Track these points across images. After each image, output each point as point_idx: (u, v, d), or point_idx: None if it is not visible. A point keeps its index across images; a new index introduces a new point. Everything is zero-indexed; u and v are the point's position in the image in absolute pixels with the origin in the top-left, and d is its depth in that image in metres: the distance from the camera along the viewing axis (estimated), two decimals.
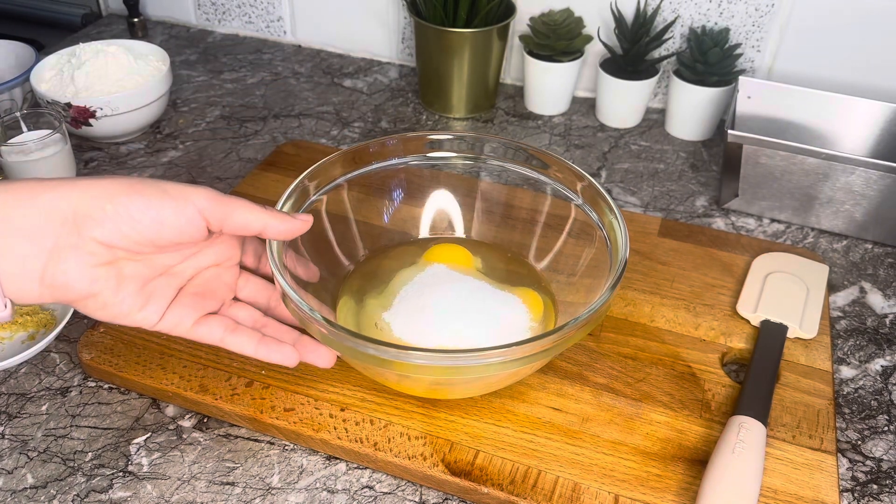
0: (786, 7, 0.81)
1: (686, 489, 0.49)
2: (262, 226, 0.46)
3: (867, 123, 0.75)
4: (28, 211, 0.40)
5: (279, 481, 0.50)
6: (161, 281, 0.46)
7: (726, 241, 0.69)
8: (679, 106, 0.85)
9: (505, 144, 0.60)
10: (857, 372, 0.59)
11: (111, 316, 0.44)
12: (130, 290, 0.44)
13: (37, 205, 0.40)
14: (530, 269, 0.61)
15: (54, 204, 0.41)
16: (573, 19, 0.85)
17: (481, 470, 0.49)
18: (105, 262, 0.43)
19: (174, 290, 0.47)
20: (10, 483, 0.49)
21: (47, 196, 0.41)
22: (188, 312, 0.47)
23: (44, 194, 0.41)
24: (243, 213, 0.45)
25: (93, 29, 1.06)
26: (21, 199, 0.40)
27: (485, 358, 0.44)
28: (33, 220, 0.40)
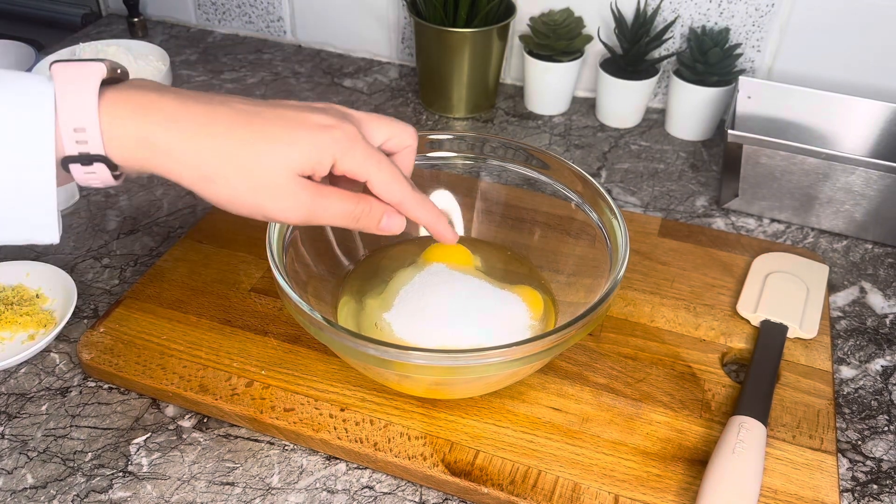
0: (786, 7, 0.81)
1: (686, 489, 0.49)
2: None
3: (867, 123, 0.75)
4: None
5: (279, 481, 0.50)
6: None
7: (726, 241, 0.69)
8: (679, 106, 0.85)
9: (505, 144, 0.60)
10: (858, 372, 0.59)
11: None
12: None
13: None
14: (530, 268, 0.61)
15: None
16: (573, 19, 0.85)
17: (481, 470, 0.49)
18: None
19: None
20: (10, 483, 0.49)
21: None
22: None
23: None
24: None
25: (93, 29, 1.06)
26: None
27: (485, 358, 0.44)
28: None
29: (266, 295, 0.61)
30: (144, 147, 0.39)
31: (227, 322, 0.59)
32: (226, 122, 0.40)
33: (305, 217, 0.41)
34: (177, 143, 0.39)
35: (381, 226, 0.44)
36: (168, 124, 0.39)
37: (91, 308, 0.62)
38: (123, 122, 0.38)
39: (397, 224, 0.45)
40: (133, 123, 0.38)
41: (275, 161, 0.40)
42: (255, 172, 0.40)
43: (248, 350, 0.56)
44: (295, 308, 0.47)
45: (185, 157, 0.39)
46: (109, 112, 0.38)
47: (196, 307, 0.60)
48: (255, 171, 0.40)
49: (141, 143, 0.38)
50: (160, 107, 0.39)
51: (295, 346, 0.57)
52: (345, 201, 0.42)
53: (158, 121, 0.39)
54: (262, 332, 0.58)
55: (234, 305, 0.60)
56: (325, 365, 0.55)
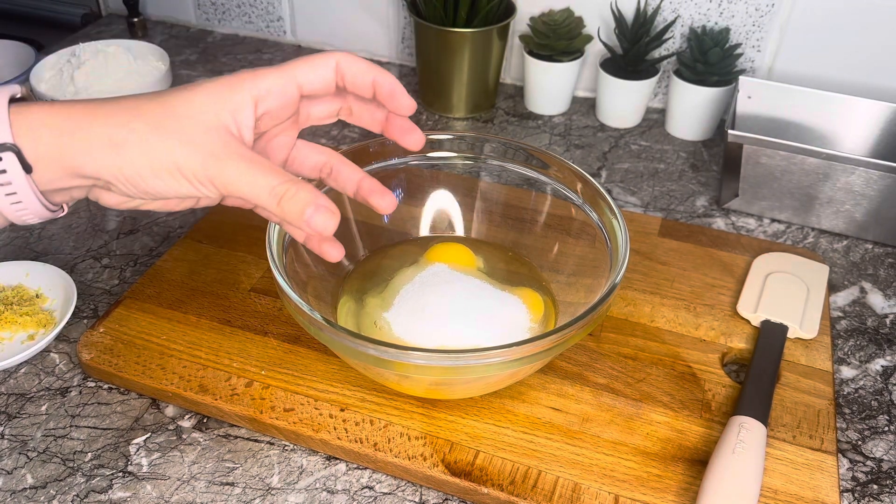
0: (786, 7, 0.81)
1: (686, 489, 0.49)
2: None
3: (867, 123, 0.75)
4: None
5: (279, 481, 0.50)
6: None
7: (726, 241, 0.69)
8: (679, 106, 0.85)
9: (505, 144, 0.60)
10: (858, 372, 0.59)
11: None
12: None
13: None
14: (530, 268, 0.61)
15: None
16: (573, 19, 0.85)
17: (481, 470, 0.49)
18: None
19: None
20: (9, 483, 0.49)
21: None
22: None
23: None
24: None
25: (93, 29, 1.06)
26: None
27: (485, 358, 0.44)
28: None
29: (266, 295, 0.61)
30: (53, 130, 0.37)
31: (227, 322, 0.59)
32: (137, 97, 0.39)
33: (219, 178, 0.37)
34: (86, 116, 0.37)
35: (307, 217, 0.37)
36: (77, 105, 0.38)
37: (91, 308, 0.62)
38: (30, 110, 0.37)
39: (323, 221, 0.38)
40: (41, 110, 0.37)
41: (193, 108, 0.38)
42: (172, 123, 0.37)
43: (247, 350, 0.56)
44: (295, 308, 0.47)
45: (94, 124, 0.37)
46: (18, 109, 0.37)
47: (196, 307, 0.60)
48: (171, 122, 0.37)
49: (49, 126, 0.37)
50: (70, 103, 0.38)
51: (295, 346, 0.57)
52: (270, 174, 0.38)
53: (69, 106, 0.38)
54: (262, 332, 0.58)
55: (234, 305, 0.60)
56: (325, 365, 0.55)
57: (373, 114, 0.46)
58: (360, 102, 0.46)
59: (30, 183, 0.37)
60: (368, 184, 0.46)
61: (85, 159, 0.37)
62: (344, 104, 0.46)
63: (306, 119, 0.45)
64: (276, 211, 0.38)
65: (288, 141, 0.45)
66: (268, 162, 0.39)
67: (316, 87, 0.41)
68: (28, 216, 0.39)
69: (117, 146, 0.37)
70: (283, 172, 0.38)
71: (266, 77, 0.40)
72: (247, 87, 0.39)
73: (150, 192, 0.38)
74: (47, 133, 0.37)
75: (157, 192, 0.38)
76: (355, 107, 0.46)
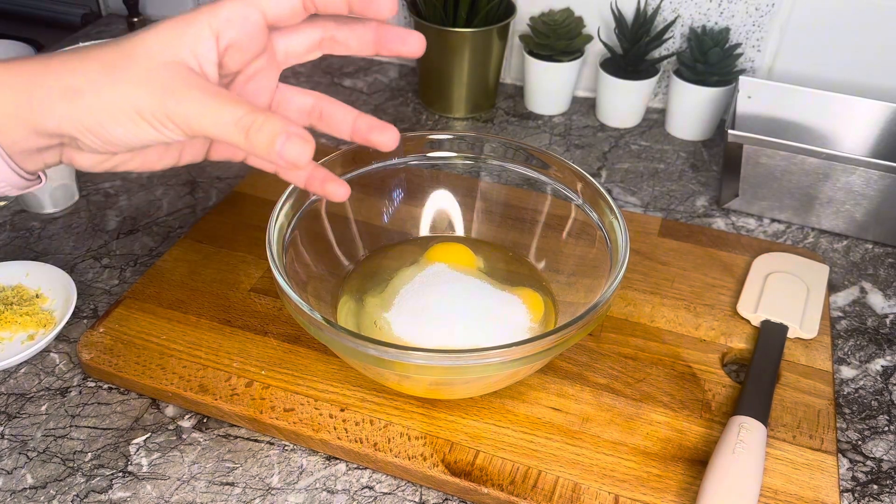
0: (786, 7, 0.81)
1: (686, 489, 0.49)
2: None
3: (867, 123, 0.75)
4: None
5: (279, 481, 0.50)
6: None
7: (726, 241, 0.69)
8: (679, 106, 0.85)
9: (505, 144, 0.60)
10: (858, 372, 0.59)
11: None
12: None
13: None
14: (530, 269, 0.61)
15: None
16: (573, 19, 0.85)
17: (481, 470, 0.49)
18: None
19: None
20: (9, 483, 0.49)
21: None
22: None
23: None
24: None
25: (93, 29, 1.06)
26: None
27: (485, 358, 0.44)
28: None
29: (266, 295, 0.61)
30: (9, 88, 0.35)
31: (227, 322, 0.59)
32: (92, 44, 0.37)
33: (180, 114, 0.35)
34: (40, 69, 0.35)
35: (277, 147, 0.34)
36: (31, 60, 0.36)
37: (91, 308, 0.62)
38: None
39: (297, 150, 0.34)
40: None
41: (148, 47, 0.36)
42: (126, 64, 0.35)
43: (247, 350, 0.56)
44: (295, 308, 0.47)
45: (48, 76, 0.35)
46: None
47: (196, 307, 0.60)
48: (125, 63, 0.35)
49: (4, 85, 0.35)
50: (25, 59, 0.36)
51: (295, 346, 0.57)
52: (234, 104, 0.35)
53: (22, 62, 0.36)
54: (262, 332, 0.58)
55: (234, 305, 0.60)
56: (325, 365, 0.55)
57: (359, 34, 0.40)
58: (340, 25, 0.41)
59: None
60: (365, 122, 0.42)
61: (44, 113, 0.35)
62: (323, 33, 0.41)
63: (284, 57, 0.41)
64: (245, 145, 0.34)
65: (268, 84, 0.42)
66: (232, 94, 0.36)
67: (282, 10, 0.37)
68: (3, 186, 0.37)
69: (72, 94, 0.35)
70: (249, 103, 0.35)
71: (224, 6, 0.37)
72: (204, 18, 0.36)
73: (114, 141, 0.36)
74: (3, 91, 0.35)
75: (121, 141, 0.36)
76: (337, 33, 0.41)
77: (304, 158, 0.34)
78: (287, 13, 0.38)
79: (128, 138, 0.36)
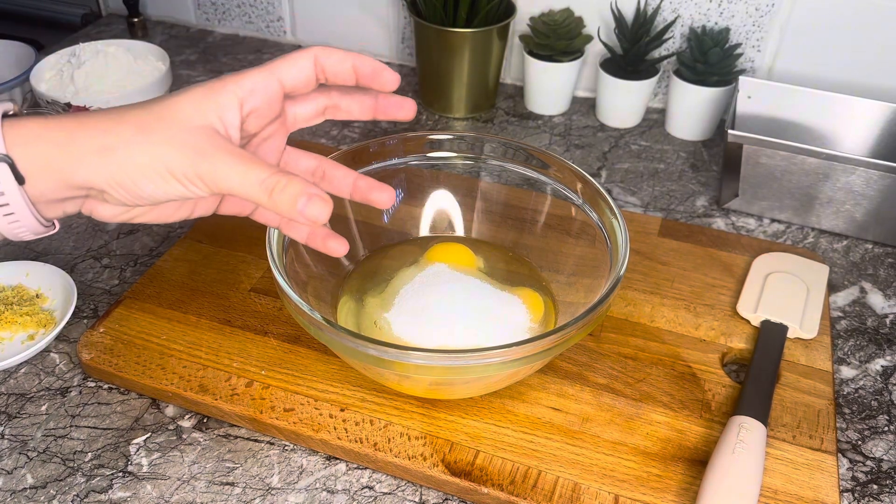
0: (786, 7, 0.81)
1: (686, 489, 0.49)
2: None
3: (867, 123, 0.75)
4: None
5: (279, 481, 0.50)
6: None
7: (726, 241, 0.69)
8: (679, 106, 0.85)
9: (505, 144, 0.60)
10: (858, 372, 0.59)
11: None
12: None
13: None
14: (530, 269, 0.61)
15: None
16: (573, 19, 0.85)
17: (481, 470, 0.49)
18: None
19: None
20: (9, 483, 0.49)
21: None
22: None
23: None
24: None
25: (93, 29, 1.06)
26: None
27: (485, 358, 0.44)
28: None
29: (266, 295, 0.61)
30: (45, 141, 0.38)
31: (227, 322, 0.59)
32: (124, 106, 0.40)
33: (209, 174, 0.38)
34: (75, 126, 0.38)
35: (300, 207, 0.37)
36: (67, 117, 0.39)
37: (91, 308, 0.62)
38: (22, 124, 0.38)
39: (317, 210, 0.37)
40: (33, 124, 0.38)
41: (179, 111, 0.38)
42: (158, 126, 0.38)
43: (247, 350, 0.56)
44: (295, 308, 0.47)
45: (83, 133, 0.38)
46: (10, 123, 0.38)
47: (196, 307, 0.60)
48: (157, 125, 0.38)
49: (41, 138, 0.38)
50: (61, 116, 0.39)
51: (295, 346, 0.57)
52: (259, 167, 0.38)
53: (59, 119, 0.39)
54: (262, 332, 0.58)
55: (234, 305, 0.60)
56: (325, 365, 0.55)
57: (360, 101, 0.46)
58: (345, 95, 0.46)
59: (23, 195, 0.38)
60: (364, 182, 0.46)
61: (76, 167, 0.38)
62: (329, 101, 0.46)
63: (293, 121, 0.46)
64: (269, 203, 0.37)
65: (277, 145, 0.46)
66: (257, 157, 0.39)
67: (297, 81, 0.42)
68: (21, 231, 0.40)
69: (106, 152, 0.38)
70: (272, 166, 0.38)
71: (249, 77, 0.40)
72: (230, 88, 0.40)
73: (143, 195, 0.39)
74: (39, 145, 0.38)
75: (149, 196, 0.39)
76: (341, 101, 0.46)
77: (323, 217, 0.38)
78: (302, 83, 0.42)
79: (156, 194, 0.39)
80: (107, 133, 0.38)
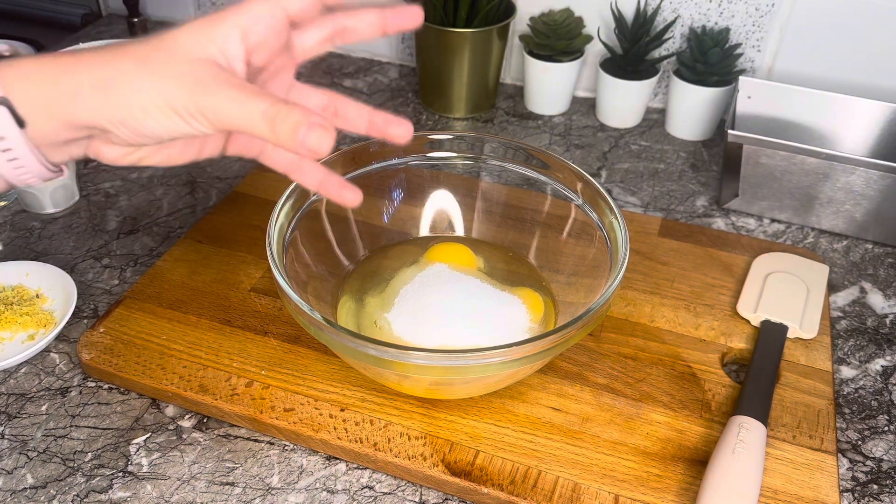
0: (786, 7, 0.81)
1: (686, 489, 0.49)
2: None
3: (867, 123, 0.75)
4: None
5: (279, 481, 0.50)
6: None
7: (726, 241, 0.69)
8: (679, 106, 0.85)
9: (505, 144, 0.60)
10: (858, 372, 0.59)
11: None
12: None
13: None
14: (530, 269, 0.61)
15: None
16: (573, 19, 0.85)
17: (481, 470, 0.49)
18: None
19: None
20: (9, 483, 0.49)
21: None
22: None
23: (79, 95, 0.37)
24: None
25: (93, 29, 1.06)
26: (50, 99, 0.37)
27: (485, 358, 0.44)
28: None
29: (266, 295, 0.61)
30: (42, 80, 0.36)
31: (227, 322, 0.59)
32: (122, 42, 0.38)
33: (210, 107, 0.36)
34: (72, 63, 0.37)
35: (300, 136, 0.35)
36: (64, 55, 0.37)
37: (91, 308, 0.62)
38: (17, 63, 0.37)
39: (318, 138, 0.35)
40: (29, 63, 0.37)
41: (178, 43, 0.37)
42: (158, 58, 0.37)
43: (248, 350, 0.56)
44: (295, 308, 0.47)
45: (80, 69, 0.36)
46: (5, 64, 0.37)
47: (196, 307, 0.60)
48: (156, 56, 0.37)
49: (38, 78, 0.37)
50: (57, 54, 0.38)
51: (295, 346, 0.57)
52: (261, 97, 0.36)
53: (55, 57, 0.37)
54: (262, 332, 0.58)
55: (234, 305, 0.60)
56: (325, 365, 0.55)
57: (368, 21, 0.43)
58: (351, 15, 0.43)
59: (25, 139, 0.37)
60: (381, 116, 0.44)
61: (76, 105, 0.36)
62: (335, 24, 0.42)
63: (301, 52, 0.43)
64: (271, 135, 0.36)
65: (287, 81, 0.44)
66: (259, 88, 0.37)
67: (304, 3, 0.40)
68: (27, 175, 0.38)
69: (105, 87, 0.36)
70: (274, 95, 0.37)
71: (251, 5, 0.39)
72: (231, 18, 0.38)
73: (146, 132, 0.37)
74: (37, 84, 0.36)
75: (152, 133, 0.38)
76: (348, 21, 0.42)
77: (324, 146, 0.36)
78: (308, 6, 0.40)
79: (159, 130, 0.37)
80: (105, 66, 0.36)
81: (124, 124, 0.37)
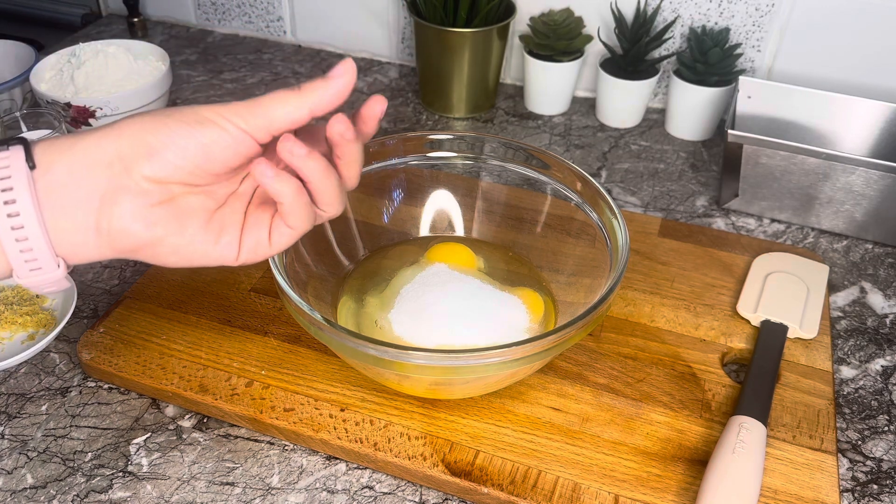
0: (786, 7, 0.81)
1: (686, 489, 0.49)
2: (307, 111, 0.41)
3: (867, 123, 0.75)
4: (71, 159, 0.38)
5: (279, 481, 0.50)
6: (226, 209, 0.42)
7: (726, 241, 0.69)
8: (679, 106, 0.85)
9: (505, 144, 0.60)
10: (858, 372, 0.59)
11: (187, 259, 0.41)
12: (196, 226, 0.41)
13: (77, 153, 0.39)
14: (530, 269, 0.61)
15: (95, 149, 0.39)
16: (573, 19, 0.85)
17: (481, 470, 0.49)
18: (162, 201, 0.39)
19: (241, 213, 0.43)
20: (9, 483, 0.49)
21: (87, 142, 0.39)
22: (261, 227, 0.43)
23: (82, 142, 0.39)
24: (279, 107, 0.40)
25: (93, 29, 1.06)
26: (62, 150, 0.39)
27: (485, 358, 0.44)
28: (76, 168, 0.38)
29: (266, 295, 0.61)
30: (69, 143, 0.39)
31: (227, 322, 0.59)
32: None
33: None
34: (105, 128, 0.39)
35: (266, 180, 0.39)
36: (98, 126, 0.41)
37: (91, 308, 0.62)
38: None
39: (277, 184, 0.39)
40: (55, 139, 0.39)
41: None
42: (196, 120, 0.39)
43: (248, 350, 0.56)
44: (295, 308, 0.47)
45: (118, 128, 0.39)
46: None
47: (196, 307, 0.60)
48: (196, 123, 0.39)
49: (64, 142, 0.39)
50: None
51: (295, 346, 0.57)
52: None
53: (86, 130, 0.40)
54: (262, 332, 0.58)
55: (234, 305, 0.60)
56: (325, 365, 0.55)
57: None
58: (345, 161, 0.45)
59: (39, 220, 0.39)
60: (359, 117, 0.45)
61: (106, 152, 0.39)
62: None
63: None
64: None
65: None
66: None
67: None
68: (51, 290, 0.42)
69: (152, 151, 0.39)
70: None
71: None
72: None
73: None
74: (55, 142, 0.39)
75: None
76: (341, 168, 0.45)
77: (283, 195, 0.40)
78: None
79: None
80: (149, 132, 0.39)
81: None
